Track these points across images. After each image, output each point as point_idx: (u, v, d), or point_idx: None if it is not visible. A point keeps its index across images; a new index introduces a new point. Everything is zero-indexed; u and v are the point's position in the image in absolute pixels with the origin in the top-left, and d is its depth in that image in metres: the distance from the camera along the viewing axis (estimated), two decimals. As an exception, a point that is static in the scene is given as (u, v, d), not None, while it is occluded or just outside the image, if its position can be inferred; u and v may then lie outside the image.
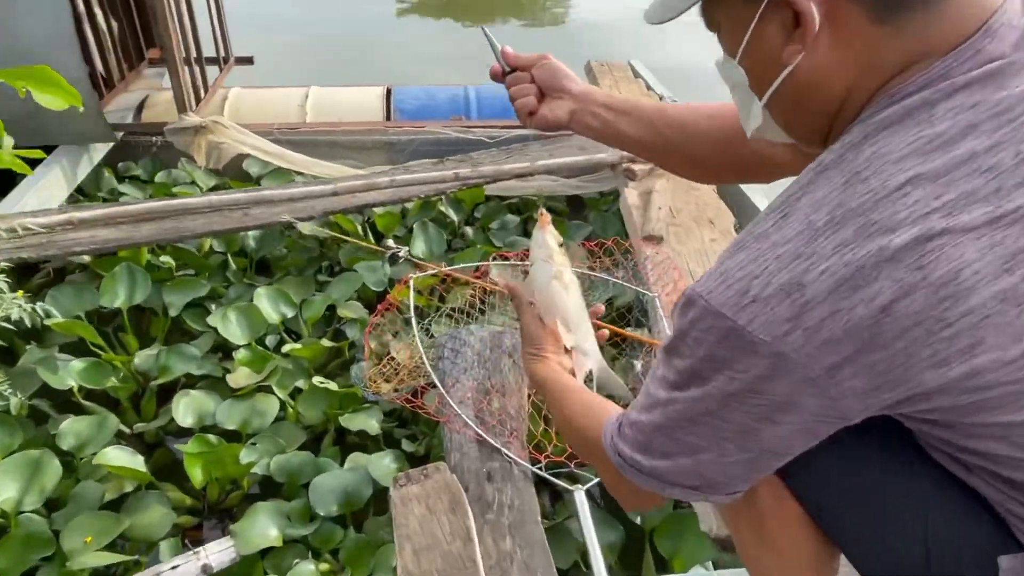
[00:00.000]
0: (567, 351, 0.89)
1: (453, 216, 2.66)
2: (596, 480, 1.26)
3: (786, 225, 0.55)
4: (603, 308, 0.98)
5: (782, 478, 0.72)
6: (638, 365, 1.53)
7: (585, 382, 0.90)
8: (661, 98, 3.18)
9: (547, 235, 0.91)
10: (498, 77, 0.97)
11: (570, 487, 1.25)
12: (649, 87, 3.31)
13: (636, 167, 2.41)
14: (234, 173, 2.88)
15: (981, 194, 0.50)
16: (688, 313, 0.58)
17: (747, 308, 0.54)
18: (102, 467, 1.52)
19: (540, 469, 1.30)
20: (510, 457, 1.21)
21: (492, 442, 1.25)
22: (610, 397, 0.86)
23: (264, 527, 1.43)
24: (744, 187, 2.49)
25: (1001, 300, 0.50)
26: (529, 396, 1.40)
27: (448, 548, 1.14)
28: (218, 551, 1.35)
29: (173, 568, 1.28)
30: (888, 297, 0.50)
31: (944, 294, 0.49)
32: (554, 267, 0.89)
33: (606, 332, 0.96)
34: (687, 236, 2.08)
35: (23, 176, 2.37)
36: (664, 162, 1.03)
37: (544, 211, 0.91)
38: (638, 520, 1.46)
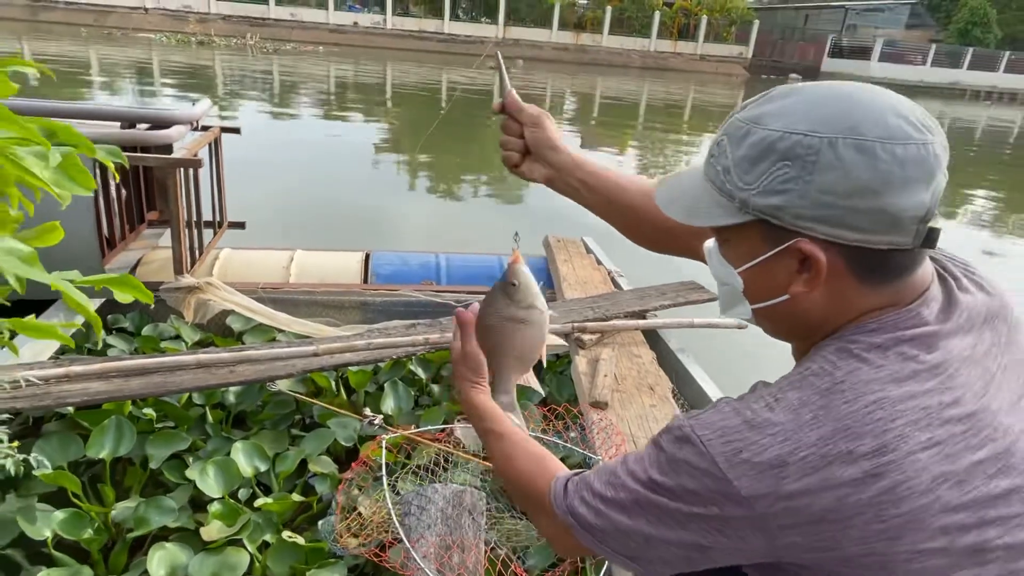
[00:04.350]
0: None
1: (421, 374, 2.90)
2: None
3: (778, 408, 0.69)
4: None
5: None
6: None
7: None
8: (609, 273, 3.60)
9: (523, 268, 0.93)
10: (499, 111, 1.06)
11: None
12: (599, 262, 3.74)
13: (585, 336, 2.72)
14: (217, 328, 3.10)
15: (922, 424, 0.67)
16: (684, 448, 0.70)
17: (738, 466, 0.67)
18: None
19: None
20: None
21: (452, 597, 1.39)
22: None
23: None
24: (683, 358, 2.82)
25: (924, 509, 0.68)
26: (486, 552, 1.56)
27: None
28: None
29: None
30: (847, 490, 0.65)
31: (884, 498, 0.65)
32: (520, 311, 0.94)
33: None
34: (629, 402, 2.34)
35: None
36: (618, 227, 1.16)
37: (516, 249, 0.95)
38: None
